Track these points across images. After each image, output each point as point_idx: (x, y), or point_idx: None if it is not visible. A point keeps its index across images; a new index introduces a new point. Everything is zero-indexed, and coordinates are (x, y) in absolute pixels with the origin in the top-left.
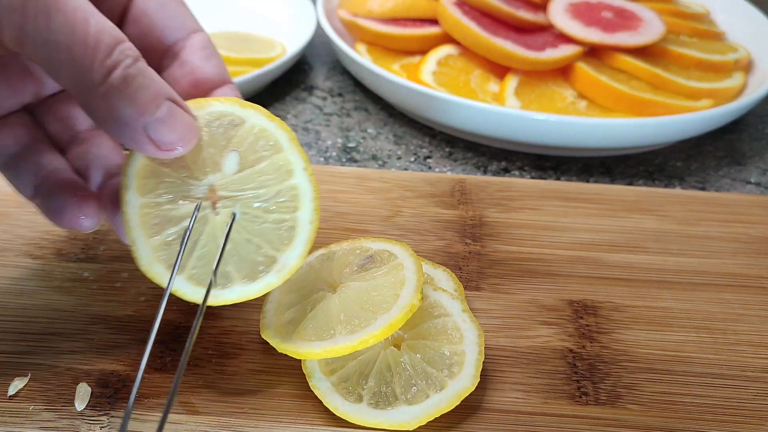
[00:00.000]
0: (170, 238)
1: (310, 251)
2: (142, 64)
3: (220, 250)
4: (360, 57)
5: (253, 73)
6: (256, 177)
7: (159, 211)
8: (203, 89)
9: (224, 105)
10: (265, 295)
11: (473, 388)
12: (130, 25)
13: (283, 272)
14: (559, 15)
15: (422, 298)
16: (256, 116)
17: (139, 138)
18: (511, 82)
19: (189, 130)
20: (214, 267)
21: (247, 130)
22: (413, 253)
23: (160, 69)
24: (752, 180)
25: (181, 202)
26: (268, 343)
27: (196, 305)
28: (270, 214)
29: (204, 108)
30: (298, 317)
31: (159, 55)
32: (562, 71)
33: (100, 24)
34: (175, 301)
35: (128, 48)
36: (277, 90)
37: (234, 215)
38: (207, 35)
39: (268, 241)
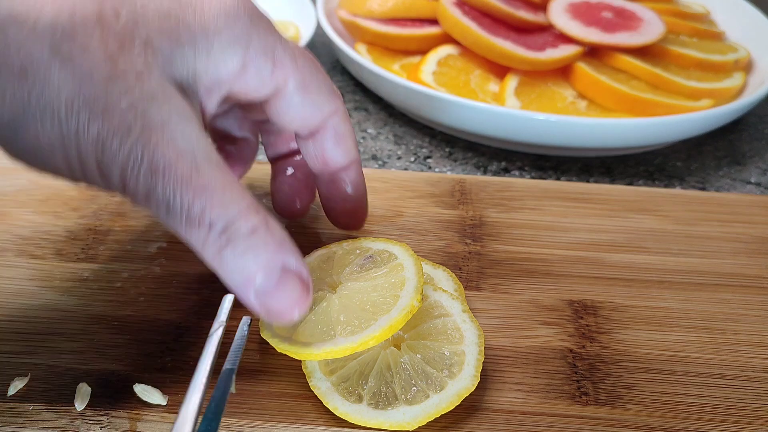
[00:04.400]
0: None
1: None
2: (262, 230)
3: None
4: (360, 57)
5: None
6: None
7: None
8: (331, 170)
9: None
10: None
11: (473, 388)
12: (271, 113)
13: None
14: (559, 15)
15: (422, 299)
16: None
17: (245, 296)
18: (511, 82)
19: (296, 306)
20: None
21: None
22: (413, 253)
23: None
24: (752, 180)
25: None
26: (268, 343)
27: (197, 309)
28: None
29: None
30: None
31: (294, 137)
32: (562, 71)
33: (226, 198)
34: (175, 301)
35: (246, 215)
36: None
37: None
38: (344, 110)
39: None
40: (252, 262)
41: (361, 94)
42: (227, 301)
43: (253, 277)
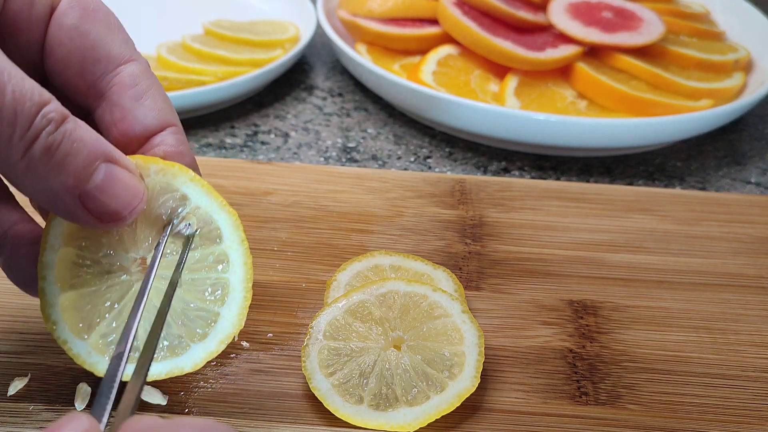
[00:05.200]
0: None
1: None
2: (70, 125)
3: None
4: (360, 57)
5: (253, 73)
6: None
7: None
8: (137, 138)
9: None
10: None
11: (473, 389)
12: (46, 59)
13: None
14: (559, 15)
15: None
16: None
17: (77, 212)
18: (511, 82)
19: (133, 195)
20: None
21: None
22: (242, 233)
23: (89, 113)
24: (752, 180)
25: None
26: (267, 343)
27: None
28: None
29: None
30: (84, 303)
31: (83, 95)
32: (562, 71)
33: (18, 89)
34: None
35: (52, 110)
36: (277, 90)
37: (195, 231)
38: (144, 64)
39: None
40: (73, 159)
41: (361, 94)
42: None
43: (77, 176)
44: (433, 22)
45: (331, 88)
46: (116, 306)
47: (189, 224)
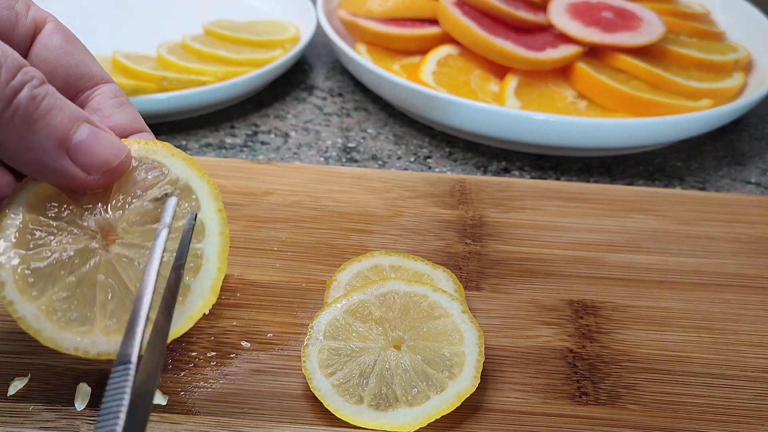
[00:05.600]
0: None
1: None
2: (51, 87)
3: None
4: (360, 57)
5: (253, 73)
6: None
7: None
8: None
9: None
10: None
11: (473, 389)
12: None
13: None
14: (559, 15)
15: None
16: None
17: (64, 166)
18: (511, 82)
19: (120, 148)
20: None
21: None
22: (220, 201)
23: None
24: (752, 180)
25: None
26: (267, 343)
27: None
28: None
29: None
30: (39, 267)
31: None
32: (562, 71)
33: (0, 46)
34: None
35: (32, 70)
36: (277, 90)
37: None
38: (117, 86)
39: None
40: (58, 113)
41: (361, 94)
42: (171, 204)
43: (63, 128)
44: (433, 22)
45: (331, 88)
46: (72, 275)
47: (165, 191)
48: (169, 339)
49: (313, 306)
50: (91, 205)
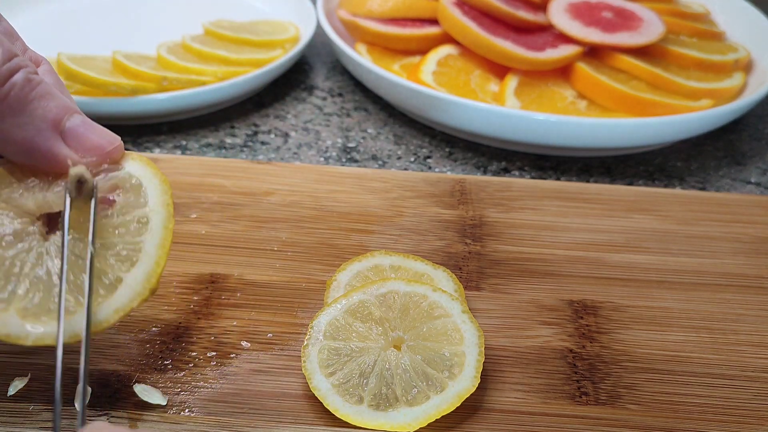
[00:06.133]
0: None
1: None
2: (45, 79)
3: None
4: (360, 57)
5: (253, 73)
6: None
7: None
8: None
9: None
10: None
11: (474, 389)
12: None
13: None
14: (559, 15)
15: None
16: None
17: (55, 145)
18: (511, 82)
19: (113, 137)
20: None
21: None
22: (170, 199)
23: None
24: (752, 180)
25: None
26: (267, 343)
27: (191, 306)
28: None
29: None
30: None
31: None
32: (562, 71)
33: None
34: (175, 301)
35: (28, 60)
36: (277, 90)
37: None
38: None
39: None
40: (53, 99)
41: (361, 94)
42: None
43: (58, 112)
44: (433, 22)
45: (331, 88)
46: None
47: (85, 179)
48: (94, 330)
49: (313, 306)
50: (36, 189)
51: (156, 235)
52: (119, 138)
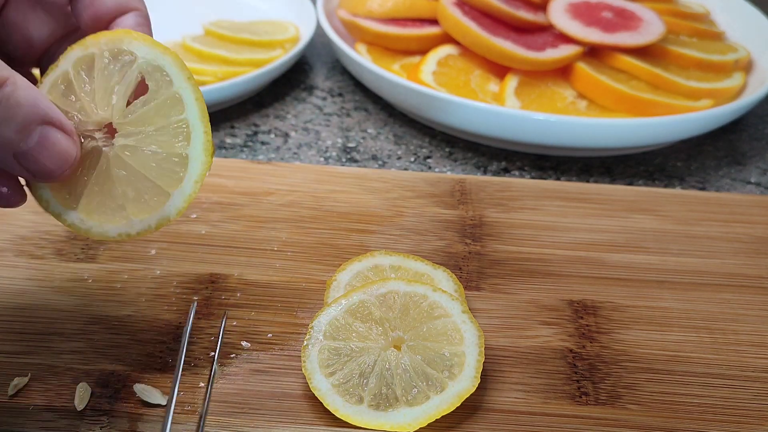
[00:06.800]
0: None
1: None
2: (8, 88)
3: None
4: (360, 57)
5: (253, 73)
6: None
7: None
8: (104, 21)
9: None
10: None
11: (473, 389)
12: None
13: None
14: (559, 15)
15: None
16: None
17: (13, 167)
18: (511, 82)
19: (65, 160)
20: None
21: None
22: (186, 70)
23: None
24: (752, 180)
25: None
26: (267, 343)
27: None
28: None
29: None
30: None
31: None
32: (562, 71)
33: None
34: (175, 301)
35: None
36: (277, 90)
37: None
38: None
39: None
40: (7, 123)
41: (361, 94)
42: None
43: (12, 136)
44: (433, 22)
45: (331, 88)
46: (91, 173)
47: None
48: (185, 206)
49: (313, 306)
50: (82, 110)
51: (193, 108)
52: (73, 157)
